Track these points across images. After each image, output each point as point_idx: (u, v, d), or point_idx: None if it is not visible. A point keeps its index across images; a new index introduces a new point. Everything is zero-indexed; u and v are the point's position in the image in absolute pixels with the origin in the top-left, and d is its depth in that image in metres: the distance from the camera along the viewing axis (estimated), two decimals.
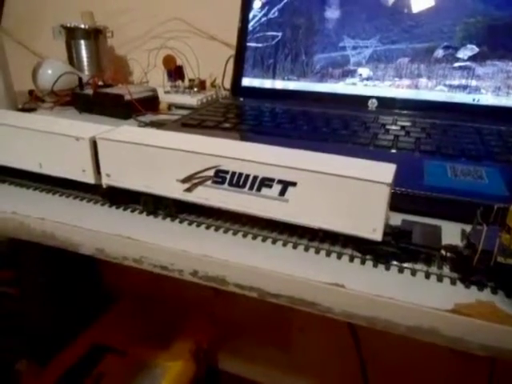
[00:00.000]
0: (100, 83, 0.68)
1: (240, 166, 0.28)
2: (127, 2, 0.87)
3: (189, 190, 0.31)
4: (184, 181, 0.30)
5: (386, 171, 0.26)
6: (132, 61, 0.88)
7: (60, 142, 0.34)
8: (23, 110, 0.64)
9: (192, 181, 0.30)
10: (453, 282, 0.26)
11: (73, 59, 0.80)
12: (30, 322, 0.96)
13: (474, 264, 0.24)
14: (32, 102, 0.69)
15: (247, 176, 0.28)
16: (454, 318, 0.24)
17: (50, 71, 0.70)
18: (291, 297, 0.27)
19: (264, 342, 0.99)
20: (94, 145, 0.33)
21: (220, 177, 0.29)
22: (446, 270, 0.27)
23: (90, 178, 0.34)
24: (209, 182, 0.30)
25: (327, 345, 0.90)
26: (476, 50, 0.54)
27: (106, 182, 0.34)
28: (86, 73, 0.80)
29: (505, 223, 0.24)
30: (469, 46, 0.54)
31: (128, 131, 0.34)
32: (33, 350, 0.96)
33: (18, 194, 0.37)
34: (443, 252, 0.27)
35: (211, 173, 0.29)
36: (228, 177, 0.29)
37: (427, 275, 0.27)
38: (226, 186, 0.29)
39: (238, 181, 0.29)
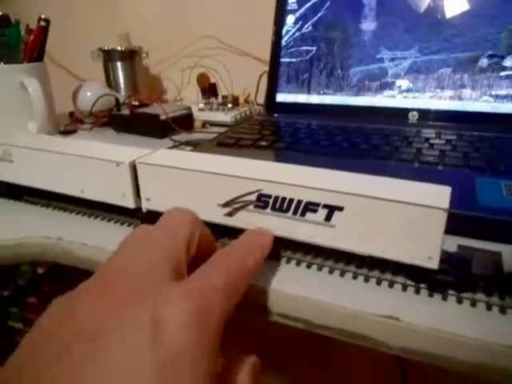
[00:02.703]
0: (136, 103, 0.69)
1: (283, 190, 0.27)
2: (161, 22, 0.89)
3: (230, 214, 0.30)
4: (225, 205, 0.30)
5: (440, 194, 0.25)
6: (166, 79, 0.89)
7: (100, 167, 0.34)
8: (65, 132, 0.66)
9: (233, 205, 0.29)
10: None
11: (110, 80, 0.83)
12: None
13: None
14: (73, 123, 0.71)
15: (291, 200, 0.27)
16: None
17: (89, 93, 0.72)
18: (341, 329, 0.25)
19: (300, 358, 0.97)
20: (133, 169, 0.33)
21: (262, 201, 0.28)
22: (509, 300, 0.25)
23: (130, 203, 0.34)
24: (251, 207, 0.29)
25: (365, 362, 0.87)
26: None
27: (145, 206, 0.33)
28: (123, 92, 0.82)
29: None
30: None
31: (167, 155, 0.34)
32: None
33: (62, 218, 0.38)
34: (505, 281, 0.25)
35: (253, 197, 0.28)
36: (271, 201, 0.28)
37: (488, 306, 0.25)
38: (268, 210, 0.28)
39: (281, 205, 0.28)
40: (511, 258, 0.27)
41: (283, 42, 0.65)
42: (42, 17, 0.62)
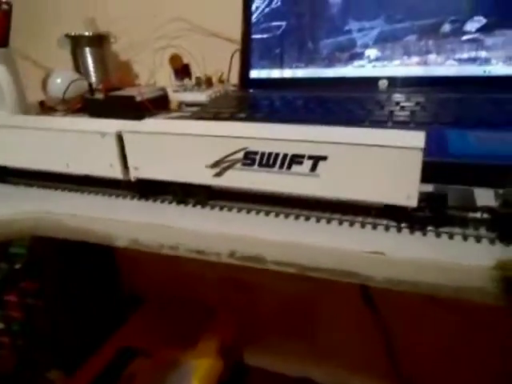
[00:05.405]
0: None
1: (269, 145, 0.28)
2: (127, 6, 0.88)
3: (218, 174, 0.31)
4: (213, 166, 0.31)
5: (416, 137, 0.27)
6: (137, 64, 0.88)
7: (85, 139, 0.34)
8: None
9: (221, 165, 0.30)
10: (491, 242, 0.26)
11: (79, 67, 0.81)
12: (57, 332, 0.96)
13: None
14: (44, 112, 0.69)
15: (277, 155, 0.29)
16: (499, 275, 0.24)
17: (59, 80, 0.70)
18: (331, 269, 0.27)
19: (289, 335, 0.99)
20: (119, 139, 0.33)
21: (249, 158, 0.29)
22: (483, 231, 0.27)
23: (117, 173, 0.34)
24: (238, 165, 0.30)
25: (351, 333, 0.90)
26: (484, 21, 0.54)
27: (134, 175, 0.34)
28: (93, 79, 0.80)
29: None
30: (476, 17, 0.54)
31: (152, 123, 0.34)
32: (61, 359, 0.97)
33: (48, 195, 0.38)
34: (479, 213, 0.27)
35: (240, 155, 0.29)
36: (257, 157, 0.29)
37: (465, 237, 0.27)
38: (255, 167, 0.29)
39: (267, 160, 0.29)
40: (482, 196, 0.29)
41: (253, 19, 0.65)
42: (3, 0, 0.60)
